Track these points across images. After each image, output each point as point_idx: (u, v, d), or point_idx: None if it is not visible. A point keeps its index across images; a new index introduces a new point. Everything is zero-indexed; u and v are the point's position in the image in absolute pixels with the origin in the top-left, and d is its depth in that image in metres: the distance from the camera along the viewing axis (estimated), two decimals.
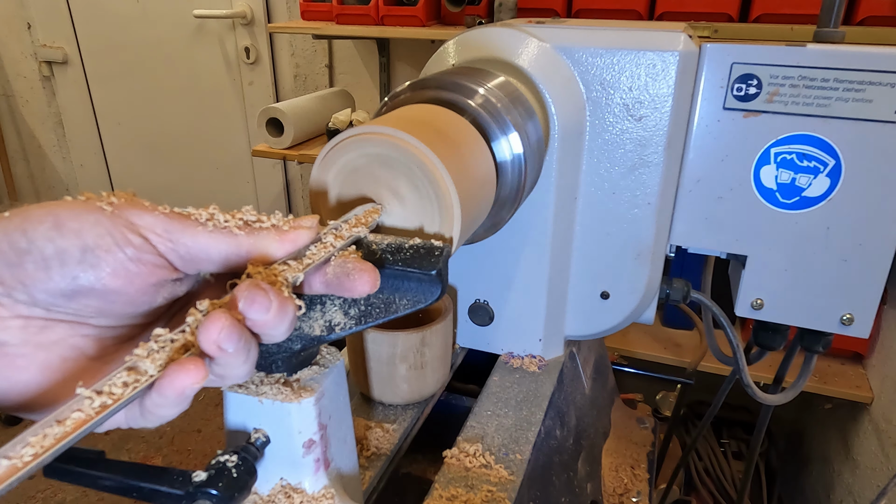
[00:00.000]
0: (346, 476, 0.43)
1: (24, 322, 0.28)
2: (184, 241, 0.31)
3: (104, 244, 0.29)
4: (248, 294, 0.29)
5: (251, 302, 0.28)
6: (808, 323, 0.65)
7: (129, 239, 0.29)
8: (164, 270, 0.31)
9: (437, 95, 0.50)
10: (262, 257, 0.32)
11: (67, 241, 0.28)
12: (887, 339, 1.41)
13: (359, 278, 0.33)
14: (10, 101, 2.70)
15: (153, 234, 0.30)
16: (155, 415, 0.28)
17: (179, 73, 2.37)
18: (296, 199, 2.46)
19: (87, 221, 0.29)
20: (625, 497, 0.83)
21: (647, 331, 1.65)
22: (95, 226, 0.29)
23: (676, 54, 0.57)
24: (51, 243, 0.28)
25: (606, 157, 0.62)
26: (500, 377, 0.68)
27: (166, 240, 0.30)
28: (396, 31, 1.61)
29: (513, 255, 0.66)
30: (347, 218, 0.38)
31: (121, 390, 0.26)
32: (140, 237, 0.30)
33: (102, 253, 0.28)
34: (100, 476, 0.34)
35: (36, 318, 0.29)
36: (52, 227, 0.28)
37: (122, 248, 0.29)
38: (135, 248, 0.29)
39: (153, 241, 0.30)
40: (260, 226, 0.32)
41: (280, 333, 0.30)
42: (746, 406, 1.77)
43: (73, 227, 0.28)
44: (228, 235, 0.31)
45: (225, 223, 0.32)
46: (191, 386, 0.27)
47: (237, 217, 0.33)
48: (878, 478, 1.35)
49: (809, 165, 0.59)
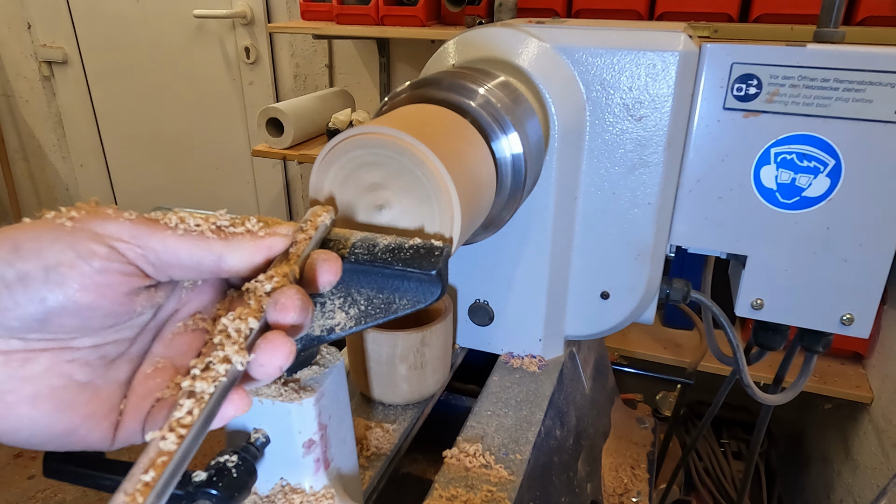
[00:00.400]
0: (346, 476, 0.43)
1: (5, 357, 0.28)
2: (152, 246, 0.30)
3: (66, 260, 0.28)
4: (301, 301, 0.30)
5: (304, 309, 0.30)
6: (808, 323, 0.65)
7: (94, 250, 0.28)
8: (135, 278, 0.30)
9: (437, 95, 0.50)
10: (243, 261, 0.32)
11: (28, 264, 0.27)
12: (887, 339, 1.41)
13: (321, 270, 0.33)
14: (10, 100, 2.70)
15: (120, 241, 0.29)
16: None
17: (179, 73, 2.37)
18: (296, 199, 2.46)
19: (45, 240, 0.28)
20: (625, 497, 0.83)
21: (647, 331, 1.65)
22: (55, 242, 0.28)
23: (676, 54, 0.57)
24: (11, 268, 0.27)
25: (606, 157, 0.62)
26: (500, 377, 0.68)
27: (134, 246, 0.29)
28: (396, 31, 1.61)
29: (513, 255, 0.66)
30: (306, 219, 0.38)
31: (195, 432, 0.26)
32: (105, 247, 0.29)
33: (66, 269, 0.27)
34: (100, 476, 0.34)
35: (15, 351, 0.28)
36: (11, 251, 0.27)
37: (87, 260, 0.28)
38: (101, 258, 0.28)
39: (120, 248, 0.29)
40: (233, 230, 0.32)
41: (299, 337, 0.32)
42: (746, 406, 1.77)
43: (31, 248, 0.27)
44: (199, 239, 0.31)
45: (196, 227, 0.31)
46: (237, 415, 0.29)
47: (210, 221, 0.32)
48: (878, 478, 1.35)
49: (809, 165, 0.59)
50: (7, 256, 0.27)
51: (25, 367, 0.28)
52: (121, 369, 0.31)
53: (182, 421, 0.25)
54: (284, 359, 0.29)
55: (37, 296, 0.27)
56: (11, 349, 0.28)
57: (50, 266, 0.27)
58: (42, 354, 0.28)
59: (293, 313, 0.29)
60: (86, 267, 0.28)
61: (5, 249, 0.27)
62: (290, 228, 0.33)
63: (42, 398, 0.28)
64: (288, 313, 0.29)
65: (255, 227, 0.32)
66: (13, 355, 0.28)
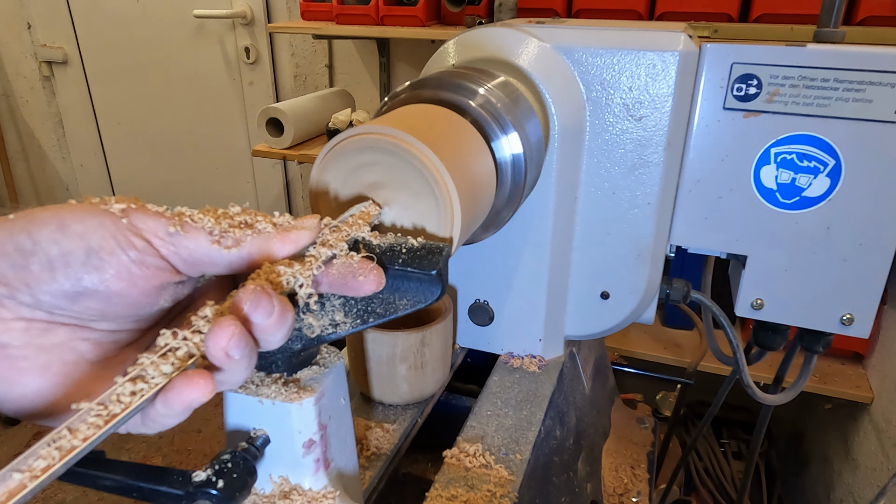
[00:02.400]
0: (346, 476, 0.43)
1: (27, 324, 0.29)
2: (186, 245, 0.31)
3: (108, 246, 0.29)
4: (253, 298, 0.29)
5: (256, 305, 0.29)
6: (808, 323, 0.65)
7: (133, 242, 0.29)
8: (166, 273, 0.31)
9: (437, 95, 0.50)
10: (267, 257, 0.32)
11: (72, 243, 0.28)
12: (887, 339, 1.41)
13: (365, 278, 0.33)
14: (10, 101, 2.70)
15: (156, 237, 0.30)
16: (157, 423, 0.29)
17: (179, 73, 2.37)
18: (296, 199, 2.46)
19: (91, 224, 0.29)
20: (625, 497, 0.83)
21: (647, 331, 1.65)
22: (99, 228, 0.29)
23: (676, 54, 0.57)
24: (56, 245, 0.28)
25: (606, 157, 0.62)
26: (500, 377, 0.68)
27: (169, 243, 0.30)
28: (396, 31, 1.61)
29: (513, 255, 0.66)
30: (345, 217, 0.38)
31: (129, 399, 0.26)
32: (143, 240, 0.30)
33: (106, 255, 0.29)
34: (100, 476, 0.34)
35: (38, 320, 0.29)
36: (57, 229, 0.28)
37: (126, 250, 0.29)
38: (138, 250, 0.29)
39: (156, 244, 0.30)
40: (262, 228, 0.33)
41: (278, 340, 0.31)
42: (746, 406, 1.77)
43: (77, 230, 0.28)
44: (230, 239, 0.32)
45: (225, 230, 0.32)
46: (198, 399, 0.27)
47: (238, 218, 0.33)
48: (878, 478, 1.35)
49: (809, 165, 0.59)
50: (53, 234, 0.28)
51: (43, 337, 0.29)
52: (131, 355, 0.32)
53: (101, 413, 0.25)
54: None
55: (74, 275, 0.28)
56: (35, 318, 0.29)
57: (92, 249, 0.28)
58: (61, 328, 0.29)
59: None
60: (123, 256, 0.29)
61: (52, 227, 0.28)
62: (315, 221, 0.34)
63: (52, 369, 0.29)
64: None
65: (281, 222, 0.33)
66: (35, 324, 0.29)
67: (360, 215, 0.39)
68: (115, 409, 0.25)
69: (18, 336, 0.28)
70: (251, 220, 0.33)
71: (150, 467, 0.34)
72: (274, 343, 0.31)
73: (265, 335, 0.30)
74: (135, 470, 0.34)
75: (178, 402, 0.27)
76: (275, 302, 0.29)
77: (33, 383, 0.29)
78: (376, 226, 0.41)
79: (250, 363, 0.29)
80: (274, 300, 0.29)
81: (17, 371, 0.28)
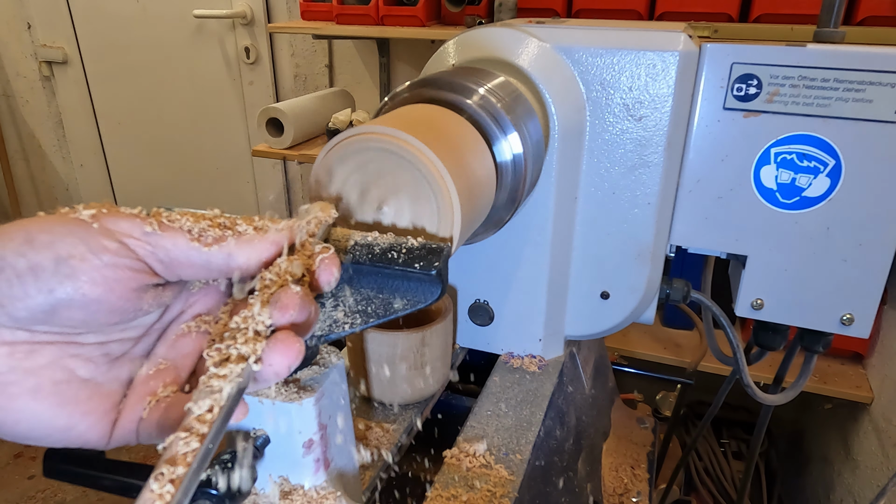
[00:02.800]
0: (346, 476, 0.43)
1: (10, 348, 0.28)
2: (163, 244, 0.30)
3: (78, 253, 0.28)
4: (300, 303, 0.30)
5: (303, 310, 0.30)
6: (808, 323, 0.65)
7: (105, 245, 0.29)
8: (143, 275, 0.30)
9: (437, 95, 0.50)
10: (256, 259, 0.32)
11: (39, 255, 0.27)
12: (887, 338, 1.41)
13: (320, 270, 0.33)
14: (10, 101, 2.70)
15: (131, 238, 0.30)
16: None
17: (179, 73, 2.36)
18: (296, 198, 2.46)
19: (58, 233, 0.28)
20: (625, 497, 0.83)
21: (647, 331, 1.65)
22: (68, 236, 0.28)
23: (676, 54, 0.57)
24: (22, 258, 0.27)
25: (606, 157, 0.62)
26: (500, 377, 0.68)
27: (145, 243, 0.30)
28: (396, 31, 1.61)
29: (513, 255, 0.66)
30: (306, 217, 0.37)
31: (210, 417, 0.27)
32: (116, 242, 0.29)
33: (77, 262, 0.28)
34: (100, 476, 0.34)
35: (20, 342, 0.28)
36: (24, 241, 0.28)
37: (98, 254, 0.28)
38: (111, 253, 0.29)
39: (131, 245, 0.30)
40: (242, 230, 0.32)
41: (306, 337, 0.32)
42: (746, 406, 1.77)
43: (44, 240, 0.28)
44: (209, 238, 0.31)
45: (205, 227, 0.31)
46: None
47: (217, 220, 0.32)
48: (878, 477, 1.35)
49: (809, 165, 0.59)
50: (19, 247, 0.27)
51: (29, 359, 0.28)
52: (123, 368, 0.32)
53: (202, 417, 0.26)
54: (294, 358, 0.29)
55: (46, 286, 0.27)
56: (17, 340, 0.28)
57: (61, 258, 0.28)
58: (46, 347, 0.29)
59: (293, 311, 0.30)
60: (96, 261, 0.28)
61: (18, 240, 0.28)
62: (288, 223, 0.34)
63: (44, 391, 0.29)
64: (287, 312, 0.30)
65: (260, 224, 0.33)
66: (18, 346, 0.28)
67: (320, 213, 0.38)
68: (201, 429, 0.26)
69: (3, 361, 0.28)
70: (229, 223, 0.32)
71: (151, 467, 0.34)
72: None
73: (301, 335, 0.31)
74: (134, 470, 0.34)
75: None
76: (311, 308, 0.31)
77: (26, 408, 0.28)
78: (376, 226, 0.41)
79: None
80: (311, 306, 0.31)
81: (7, 397, 0.28)
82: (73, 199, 2.81)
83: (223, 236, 0.31)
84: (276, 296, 0.30)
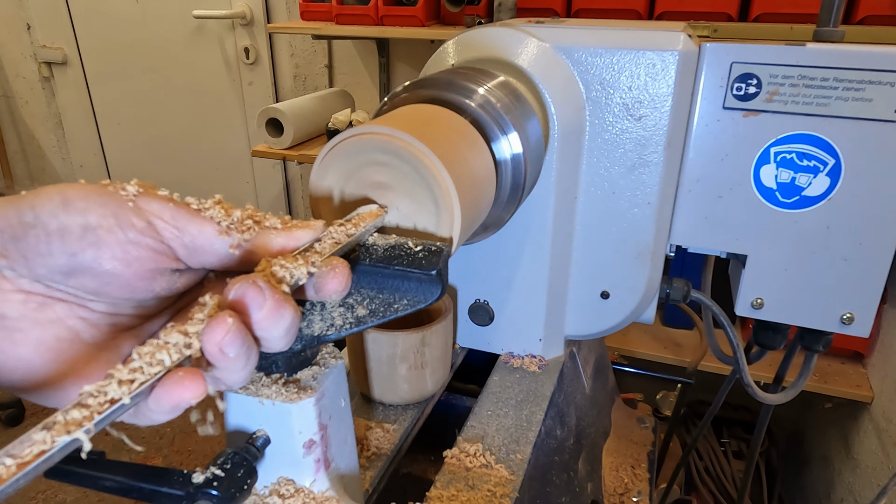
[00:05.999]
0: (346, 476, 0.43)
1: (25, 297, 0.29)
2: (189, 231, 0.31)
3: (106, 224, 0.29)
4: (238, 288, 0.28)
5: (241, 295, 0.28)
6: (808, 322, 0.65)
7: (133, 222, 0.30)
8: (164, 258, 0.31)
9: (436, 95, 0.50)
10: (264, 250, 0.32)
11: (71, 218, 0.29)
12: (887, 338, 1.41)
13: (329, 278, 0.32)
14: (10, 101, 2.70)
15: (160, 220, 0.30)
16: (147, 417, 0.28)
17: (179, 73, 2.37)
18: (296, 199, 2.46)
19: (94, 202, 0.29)
20: (625, 496, 0.83)
21: (647, 330, 1.65)
22: (102, 206, 0.29)
23: (676, 54, 0.57)
24: (55, 219, 0.28)
25: (606, 157, 0.62)
26: (501, 377, 0.68)
27: (172, 227, 0.31)
28: (396, 31, 1.61)
29: (513, 255, 0.66)
30: (350, 217, 0.38)
31: (121, 390, 0.25)
32: (145, 221, 0.30)
33: (103, 233, 0.29)
34: (100, 477, 0.34)
35: (36, 293, 0.29)
36: (60, 204, 0.29)
37: (124, 230, 0.29)
38: (137, 231, 0.30)
39: (159, 227, 0.30)
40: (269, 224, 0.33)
41: (277, 337, 0.30)
42: (747, 405, 1.77)
43: (79, 206, 0.29)
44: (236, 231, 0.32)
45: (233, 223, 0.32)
46: (187, 400, 0.27)
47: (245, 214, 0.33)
48: (878, 477, 1.35)
49: (809, 165, 0.59)
50: (55, 208, 0.29)
51: (40, 311, 0.29)
52: (127, 342, 0.32)
53: None
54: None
55: (69, 249, 0.28)
56: (34, 291, 0.29)
57: (90, 225, 0.29)
58: (58, 304, 0.30)
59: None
60: (121, 235, 0.29)
61: (55, 202, 0.29)
62: (320, 223, 0.34)
63: (45, 345, 0.29)
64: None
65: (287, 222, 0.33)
66: (33, 297, 0.29)
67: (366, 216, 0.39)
68: (114, 394, 0.25)
69: (16, 307, 0.29)
70: (259, 218, 0.33)
71: (151, 468, 0.34)
72: (275, 342, 0.30)
73: (263, 332, 0.29)
74: (135, 470, 0.34)
75: (166, 401, 0.27)
76: (267, 294, 0.28)
77: (26, 356, 0.29)
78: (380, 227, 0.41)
79: (248, 362, 0.29)
80: (266, 293, 0.28)
81: (11, 343, 0.29)
82: None
83: (247, 230, 0.32)
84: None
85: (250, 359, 0.29)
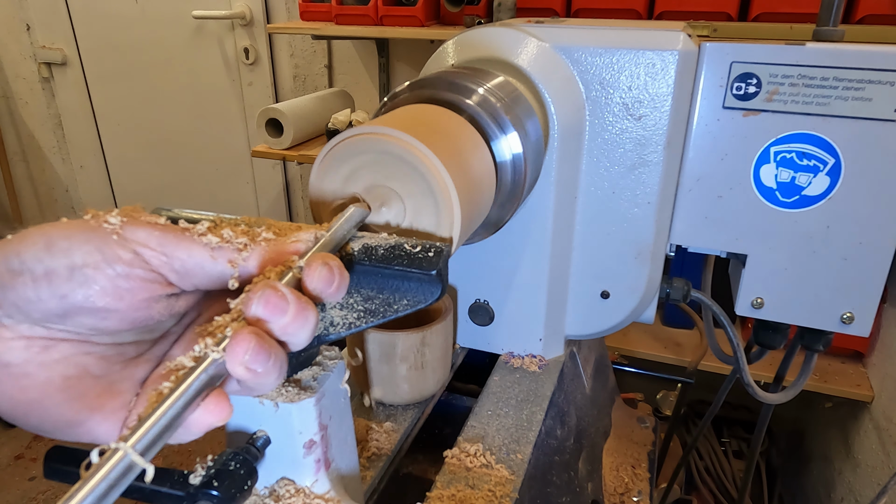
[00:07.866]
0: (346, 476, 0.43)
1: (27, 342, 0.29)
2: (178, 255, 0.30)
3: (93, 261, 0.28)
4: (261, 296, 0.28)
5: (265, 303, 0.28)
6: (808, 322, 0.65)
7: (119, 255, 0.29)
8: (156, 286, 0.30)
9: (436, 95, 0.50)
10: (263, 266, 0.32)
11: (56, 261, 0.28)
12: (888, 337, 1.41)
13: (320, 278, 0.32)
14: (10, 102, 2.69)
15: (146, 248, 0.30)
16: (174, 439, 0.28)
17: (179, 73, 2.36)
18: (295, 199, 2.46)
19: (77, 240, 0.29)
20: (626, 496, 0.83)
21: (647, 330, 1.65)
22: (85, 244, 0.29)
23: (676, 53, 0.57)
24: (40, 263, 0.28)
25: (606, 157, 0.62)
26: (501, 377, 0.68)
27: (160, 253, 0.30)
28: (395, 31, 1.61)
29: (513, 255, 0.66)
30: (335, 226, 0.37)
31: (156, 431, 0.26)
32: (131, 252, 0.29)
33: (91, 271, 0.28)
34: None
35: (38, 337, 0.29)
36: (43, 247, 0.28)
37: (111, 264, 0.29)
38: (124, 263, 0.29)
39: (146, 255, 0.30)
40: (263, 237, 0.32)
41: (304, 338, 0.30)
42: (747, 405, 1.77)
43: (62, 247, 0.28)
44: (225, 249, 0.31)
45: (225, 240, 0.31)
46: (215, 424, 0.28)
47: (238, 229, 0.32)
48: (878, 476, 1.35)
49: (809, 164, 0.59)
50: (39, 253, 0.28)
51: (45, 354, 0.29)
52: (140, 368, 0.32)
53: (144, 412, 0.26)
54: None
55: (59, 292, 0.28)
56: (35, 335, 0.29)
57: (76, 266, 0.28)
58: (62, 344, 0.29)
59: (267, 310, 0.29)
60: (109, 270, 0.29)
61: (38, 245, 0.28)
62: (313, 234, 0.33)
63: (54, 385, 0.29)
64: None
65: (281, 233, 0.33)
66: (35, 341, 0.29)
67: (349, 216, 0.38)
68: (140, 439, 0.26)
69: (19, 354, 0.28)
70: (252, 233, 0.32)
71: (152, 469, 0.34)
72: (301, 342, 0.30)
73: (289, 337, 0.29)
74: None
75: (195, 427, 0.28)
76: (290, 298, 0.29)
77: (36, 400, 0.29)
78: (376, 226, 0.41)
79: (279, 370, 0.29)
80: (289, 297, 0.28)
81: (20, 389, 0.28)
82: (72, 201, 2.81)
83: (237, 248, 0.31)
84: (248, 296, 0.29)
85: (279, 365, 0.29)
